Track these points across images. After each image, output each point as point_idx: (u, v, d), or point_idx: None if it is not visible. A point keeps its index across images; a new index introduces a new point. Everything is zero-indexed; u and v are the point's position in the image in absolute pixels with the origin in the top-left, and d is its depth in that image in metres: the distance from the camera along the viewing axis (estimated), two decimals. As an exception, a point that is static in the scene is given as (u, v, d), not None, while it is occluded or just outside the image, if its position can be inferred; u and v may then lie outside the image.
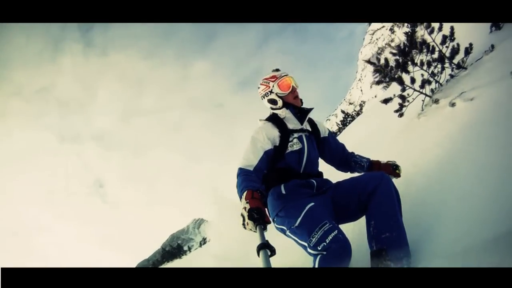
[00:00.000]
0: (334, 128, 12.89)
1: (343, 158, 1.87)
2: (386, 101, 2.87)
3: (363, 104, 14.42)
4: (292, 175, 1.63)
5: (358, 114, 11.64)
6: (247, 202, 1.26)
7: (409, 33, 2.78)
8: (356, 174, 1.79)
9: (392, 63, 2.71)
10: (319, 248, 1.26)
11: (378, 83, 2.75)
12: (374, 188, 1.39)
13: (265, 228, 1.18)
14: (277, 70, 1.79)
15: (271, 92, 1.75)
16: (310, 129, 1.78)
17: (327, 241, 1.24)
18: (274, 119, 1.73)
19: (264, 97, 1.79)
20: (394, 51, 2.69)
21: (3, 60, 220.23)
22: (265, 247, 1.02)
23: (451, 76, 2.89)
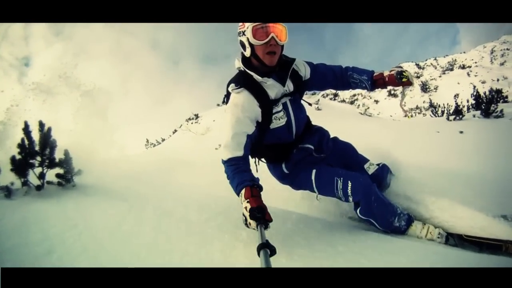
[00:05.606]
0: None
1: (338, 81, 1.66)
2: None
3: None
4: (287, 147, 1.61)
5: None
6: (247, 202, 1.24)
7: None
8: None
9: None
10: (351, 200, 1.48)
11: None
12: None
13: (266, 227, 1.18)
14: None
15: (244, 33, 1.39)
16: (292, 86, 1.54)
17: (349, 192, 1.46)
18: (249, 85, 1.42)
19: (238, 36, 1.46)
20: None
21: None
22: (265, 247, 1.02)
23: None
